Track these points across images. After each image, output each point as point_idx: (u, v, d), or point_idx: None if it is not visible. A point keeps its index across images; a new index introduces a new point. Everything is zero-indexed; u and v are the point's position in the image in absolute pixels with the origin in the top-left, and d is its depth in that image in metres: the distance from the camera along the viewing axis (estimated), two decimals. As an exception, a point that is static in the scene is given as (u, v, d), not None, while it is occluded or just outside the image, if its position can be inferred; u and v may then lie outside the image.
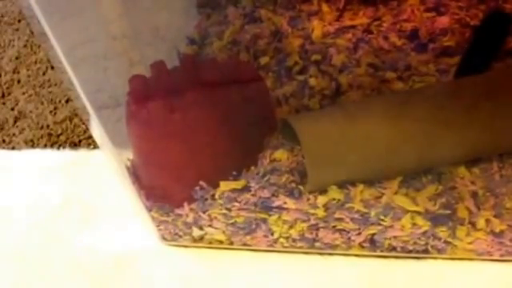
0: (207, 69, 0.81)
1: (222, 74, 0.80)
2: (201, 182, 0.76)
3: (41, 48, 1.27)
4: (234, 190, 0.76)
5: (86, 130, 1.07)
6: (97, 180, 0.99)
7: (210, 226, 0.80)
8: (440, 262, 0.77)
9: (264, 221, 0.78)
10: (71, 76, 0.67)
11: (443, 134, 0.72)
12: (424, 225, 0.72)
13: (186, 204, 0.78)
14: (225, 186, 0.76)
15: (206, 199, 0.77)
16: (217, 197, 0.76)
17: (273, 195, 0.75)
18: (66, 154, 1.07)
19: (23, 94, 1.20)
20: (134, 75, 0.77)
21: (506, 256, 0.75)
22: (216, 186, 0.76)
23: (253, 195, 0.76)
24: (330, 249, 0.80)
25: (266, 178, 0.75)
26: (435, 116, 0.72)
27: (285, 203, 0.75)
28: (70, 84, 0.69)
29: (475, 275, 0.76)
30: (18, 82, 1.24)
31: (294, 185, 0.75)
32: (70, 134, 1.09)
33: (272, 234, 0.79)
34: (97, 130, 0.74)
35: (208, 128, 0.76)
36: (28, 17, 0.62)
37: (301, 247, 0.81)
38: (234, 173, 0.76)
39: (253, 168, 0.77)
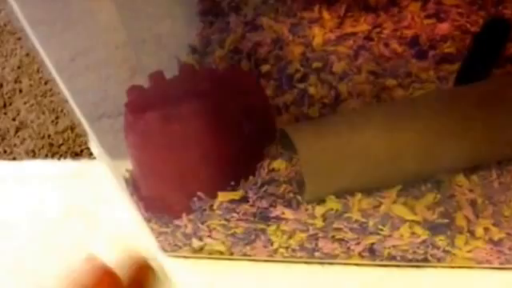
0: (206, 78, 0.82)
1: (221, 83, 0.81)
2: (199, 193, 0.78)
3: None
4: (232, 201, 0.77)
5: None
6: (98, 190, 1.00)
7: (209, 236, 0.82)
8: (440, 270, 0.78)
9: (263, 231, 0.79)
10: (63, 89, 0.69)
11: (442, 141, 0.73)
12: (423, 234, 0.74)
13: (184, 215, 0.79)
14: (223, 196, 0.77)
15: (205, 210, 0.78)
16: (215, 207, 0.78)
17: (271, 206, 0.76)
18: (67, 164, 1.08)
19: (25, 103, 1.22)
20: (131, 86, 0.79)
21: (506, 264, 0.76)
22: (214, 196, 0.78)
23: (251, 206, 0.77)
24: (329, 258, 0.81)
25: (263, 189, 0.77)
26: (434, 124, 0.73)
27: (283, 213, 0.76)
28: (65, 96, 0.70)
29: (475, 283, 0.77)
30: (20, 91, 1.25)
31: (292, 195, 0.76)
32: (71, 144, 1.11)
33: (271, 245, 0.81)
34: (93, 142, 0.76)
35: (206, 138, 0.77)
36: (19, 30, 0.63)
37: (301, 257, 0.82)
38: (232, 183, 0.78)
39: (251, 178, 0.78)
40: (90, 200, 1.00)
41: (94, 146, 0.78)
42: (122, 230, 0.94)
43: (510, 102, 0.74)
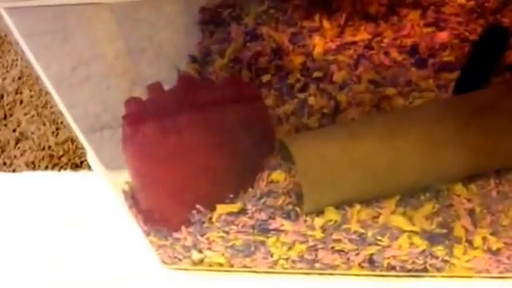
0: (204, 89, 0.84)
1: (220, 94, 0.83)
2: (197, 206, 0.79)
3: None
4: (230, 213, 0.79)
5: (88, 151, 1.10)
6: (98, 202, 1.02)
7: (209, 249, 0.83)
8: (439, 279, 0.80)
9: (263, 243, 0.80)
10: (59, 103, 0.70)
11: (441, 151, 0.74)
12: (421, 244, 0.75)
13: (183, 227, 0.81)
14: (221, 209, 0.79)
15: (204, 222, 0.80)
16: (214, 220, 0.79)
17: (270, 218, 0.78)
18: (67, 175, 1.09)
19: (25, 114, 1.23)
20: (129, 98, 0.79)
21: (505, 273, 0.77)
22: (213, 209, 0.79)
23: (250, 218, 0.78)
24: (330, 269, 0.82)
25: (262, 201, 0.78)
26: (433, 133, 0.75)
27: (282, 225, 0.78)
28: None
29: (475, 293, 0.79)
30: (21, 102, 1.26)
31: (290, 207, 0.77)
32: (71, 156, 1.12)
33: (271, 256, 0.82)
34: (90, 155, 0.78)
35: (205, 150, 0.79)
36: (14, 43, 0.64)
37: (301, 268, 0.83)
38: (231, 195, 0.79)
39: (250, 190, 0.79)
40: (89, 212, 1.01)
41: (92, 159, 0.79)
42: (122, 243, 0.95)
43: (509, 110, 0.76)
